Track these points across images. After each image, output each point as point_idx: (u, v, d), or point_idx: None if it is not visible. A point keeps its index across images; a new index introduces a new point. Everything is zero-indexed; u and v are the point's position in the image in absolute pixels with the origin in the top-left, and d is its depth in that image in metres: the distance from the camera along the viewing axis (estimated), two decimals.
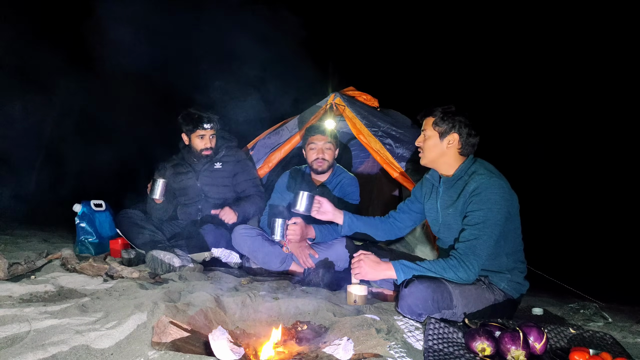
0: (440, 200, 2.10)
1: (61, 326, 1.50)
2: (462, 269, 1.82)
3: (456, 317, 1.84)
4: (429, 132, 2.06)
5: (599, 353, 1.40)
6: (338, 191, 2.92)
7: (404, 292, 1.82)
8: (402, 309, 1.84)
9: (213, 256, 2.83)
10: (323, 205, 2.38)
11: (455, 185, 2.03)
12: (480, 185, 1.89)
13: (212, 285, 2.20)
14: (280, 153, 3.52)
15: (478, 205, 1.87)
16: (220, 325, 1.47)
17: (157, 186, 2.87)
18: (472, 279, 1.85)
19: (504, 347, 1.42)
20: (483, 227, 1.84)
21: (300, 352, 1.50)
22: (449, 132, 2.01)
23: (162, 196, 2.88)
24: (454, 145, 2.02)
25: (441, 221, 2.11)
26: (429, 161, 2.10)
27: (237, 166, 3.17)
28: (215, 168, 3.12)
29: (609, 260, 4.89)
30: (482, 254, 1.83)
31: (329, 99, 3.40)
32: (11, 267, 2.21)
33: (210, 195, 3.12)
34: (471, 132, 2.00)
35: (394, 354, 1.42)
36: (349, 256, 2.66)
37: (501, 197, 1.87)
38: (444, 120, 2.01)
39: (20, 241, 3.10)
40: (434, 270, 1.85)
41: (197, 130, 3.00)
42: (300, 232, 2.57)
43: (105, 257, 2.82)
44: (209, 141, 3.04)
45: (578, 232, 5.70)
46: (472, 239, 1.84)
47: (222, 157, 3.15)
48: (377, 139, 3.11)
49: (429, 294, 1.77)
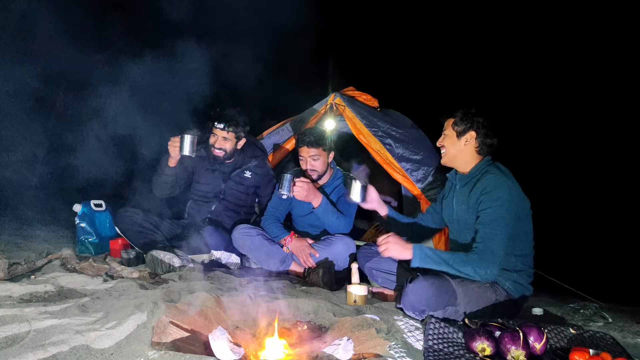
0: (456, 197, 2.17)
1: (61, 326, 1.50)
2: (480, 265, 1.84)
3: (458, 315, 1.85)
4: (448, 131, 2.15)
5: (599, 353, 1.40)
6: (336, 193, 2.90)
7: (407, 287, 1.84)
8: (405, 305, 1.85)
9: (212, 258, 2.83)
10: (370, 194, 2.42)
11: (469, 182, 2.09)
12: (489, 183, 1.95)
13: (212, 285, 2.20)
14: (280, 153, 3.52)
15: (488, 203, 1.92)
16: (220, 325, 1.47)
17: (187, 140, 2.58)
18: (490, 278, 1.87)
19: (504, 347, 1.42)
20: (496, 225, 1.88)
21: (300, 352, 1.50)
22: (467, 131, 2.09)
23: (193, 152, 2.63)
24: (471, 143, 2.09)
25: (455, 217, 2.16)
26: (448, 159, 2.18)
27: (263, 179, 3.14)
28: (245, 176, 3.09)
29: (609, 260, 4.89)
30: (499, 253, 1.87)
31: (329, 99, 3.40)
32: (11, 267, 2.21)
33: (230, 199, 3.09)
34: (489, 133, 2.08)
35: (394, 354, 1.42)
36: (349, 255, 2.66)
37: (509, 195, 1.92)
38: (463, 120, 2.10)
39: (20, 241, 3.10)
40: (452, 264, 1.86)
41: (212, 127, 2.93)
42: (308, 189, 2.56)
43: (105, 257, 2.82)
44: (219, 141, 2.92)
45: (578, 232, 5.70)
46: (488, 238, 1.88)
47: (254, 167, 3.11)
48: (377, 139, 3.12)
49: (433, 291, 1.79)
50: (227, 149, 2.95)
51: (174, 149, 2.72)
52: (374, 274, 2.50)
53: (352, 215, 2.84)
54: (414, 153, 3.13)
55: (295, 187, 2.55)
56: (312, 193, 2.60)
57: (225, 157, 2.99)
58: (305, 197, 2.58)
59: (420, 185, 3.01)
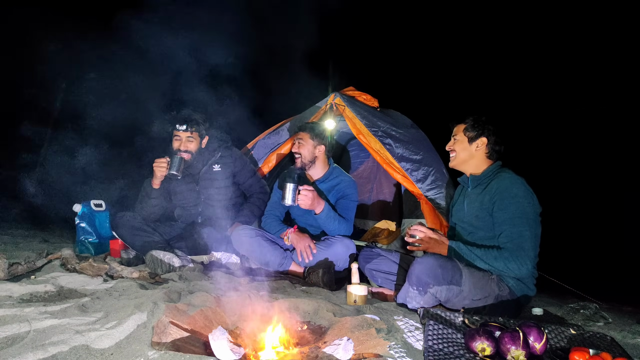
0: (467, 198, 2.21)
1: (61, 326, 1.50)
2: (513, 261, 1.89)
3: (462, 297, 1.90)
4: (459, 136, 2.23)
5: (599, 353, 1.40)
6: (335, 193, 2.90)
7: (415, 261, 1.93)
8: (410, 278, 1.92)
9: (212, 259, 2.83)
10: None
11: (482, 182, 2.15)
12: (504, 181, 2.02)
13: (212, 285, 2.20)
14: (280, 153, 3.52)
15: (507, 202, 1.97)
16: (220, 325, 1.47)
17: (176, 160, 2.71)
18: (523, 273, 1.92)
19: (504, 347, 1.42)
20: (520, 223, 1.92)
21: (300, 352, 1.50)
22: (479, 137, 2.17)
23: (181, 172, 2.75)
24: (482, 149, 2.17)
25: (465, 217, 2.20)
26: (458, 163, 2.25)
27: (236, 165, 3.10)
28: (215, 170, 3.04)
29: (609, 260, 4.89)
30: (530, 249, 1.91)
31: (329, 99, 3.40)
32: (11, 267, 2.21)
33: (212, 197, 3.05)
34: (498, 140, 2.17)
35: (394, 354, 1.42)
36: (349, 256, 2.66)
37: (526, 192, 1.98)
38: (474, 127, 2.18)
39: (20, 241, 3.10)
40: (484, 259, 1.94)
41: (173, 130, 2.90)
42: (312, 197, 2.58)
43: (105, 257, 2.82)
44: (184, 144, 2.89)
45: (578, 232, 5.70)
46: (516, 237, 1.92)
47: (220, 159, 3.07)
48: (377, 139, 3.12)
49: (439, 264, 1.87)
50: (193, 149, 2.92)
51: (160, 169, 2.77)
52: (374, 275, 2.50)
53: (352, 219, 2.85)
54: (414, 153, 3.13)
55: (300, 195, 2.57)
56: (317, 201, 2.62)
57: (193, 159, 2.94)
58: (310, 206, 2.60)
59: (421, 185, 3.01)
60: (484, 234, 2.08)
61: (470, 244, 2.10)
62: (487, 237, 2.07)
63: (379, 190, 4.34)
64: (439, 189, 3.00)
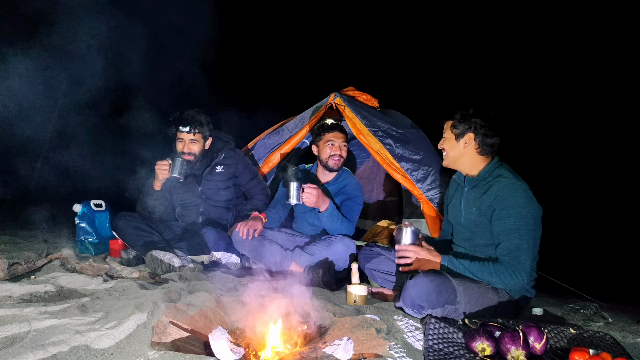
0: (464, 200, 2.13)
1: (61, 326, 1.50)
2: (509, 275, 1.86)
3: (458, 314, 1.85)
4: (447, 134, 2.12)
5: (599, 353, 1.40)
6: (341, 194, 2.89)
7: (408, 283, 1.85)
8: (405, 300, 1.86)
9: (213, 259, 2.83)
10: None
11: (479, 185, 2.06)
12: (504, 188, 1.92)
13: (212, 285, 2.20)
14: (280, 153, 3.52)
15: (507, 212, 1.89)
16: (220, 325, 1.47)
17: (178, 163, 2.68)
18: (519, 286, 1.90)
19: (504, 347, 1.42)
20: (519, 235, 1.87)
21: (300, 352, 1.50)
22: (465, 133, 2.05)
23: (183, 175, 2.74)
24: (471, 145, 2.05)
25: (463, 220, 2.12)
26: (449, 162, 2.15)
27: (238, 167, 3.09)
28: (218, 172, 3.03)
29: (609, 260, 4.89)
30: (527, 262, 1.87)
31: (329, 99, 3.40)
32: (11, 267, 2.21)
33: (213, 198, 3.05)
34: (488, 133, 2.02)
35: (394, 354, 1.42)
36: (349, 256, 2.66)
37: (527, 200, 1.90)
38: (460, 122, 2.06)
39: (20, 241, 3.10)
40: (479, 275, 1.90)
41: (177, 132, 2.88)
42: (317, 195, 2.57)
43: (105, 257, 2.82)
44: (187, 145, 2.87)
45: (578, 232, 5.70)
46: (513, 249, 1.87)
47: (223, 160, 3.05)
48: (377, 139, 3.11)
49: (434, 287, 1.79)
50: (197, 151, 2.90)
51: (162, 171, 2.75)
52: (374, 275, 2.50)
53: (355, 221, 2.84)
54: (414, 153, 3.13)
55: (305, 193, 2.55)
56: (321, 198, 2.61)
57: (197, 160, 2.93)
58: (314, 204, 2.59)
59: (421, 185, 3.01)
60: (483, 241, 2.03)
61: (467, 252, 2.06)
62: (486, 244, 2.02)
63: (379, 190, 4.34)
64: (439, 189, 3.00)
